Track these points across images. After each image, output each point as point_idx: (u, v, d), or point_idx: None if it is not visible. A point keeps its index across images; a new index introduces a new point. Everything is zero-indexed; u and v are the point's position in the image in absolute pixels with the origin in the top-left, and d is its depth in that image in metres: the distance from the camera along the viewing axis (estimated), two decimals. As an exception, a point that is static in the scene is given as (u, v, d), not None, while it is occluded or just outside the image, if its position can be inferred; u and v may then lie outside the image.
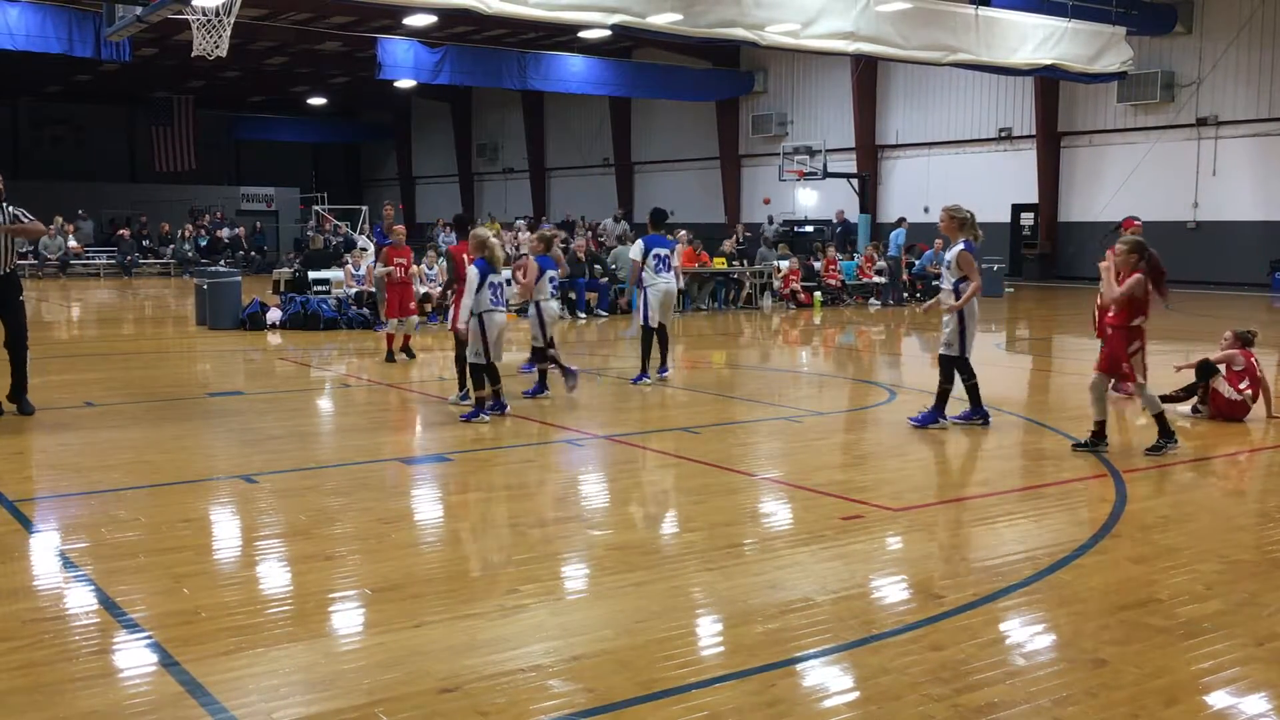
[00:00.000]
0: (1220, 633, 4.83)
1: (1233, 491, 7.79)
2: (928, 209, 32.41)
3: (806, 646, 4.65)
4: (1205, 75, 28.00)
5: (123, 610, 4.99)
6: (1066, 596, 5.30)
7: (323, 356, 15.04)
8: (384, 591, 5.32)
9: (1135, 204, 29.17)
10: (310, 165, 55.52)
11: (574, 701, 4.11)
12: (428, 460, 8.24)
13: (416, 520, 6.91)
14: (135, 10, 18.45)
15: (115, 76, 39.91)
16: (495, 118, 48.89)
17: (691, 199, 40.25)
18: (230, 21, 16.54)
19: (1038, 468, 8.48)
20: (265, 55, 36.87)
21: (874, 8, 21.34)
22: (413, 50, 27.84)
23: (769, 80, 37.38)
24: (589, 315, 20.73)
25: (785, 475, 8.02)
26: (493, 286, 9.76)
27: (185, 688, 4.19)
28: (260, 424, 9.85)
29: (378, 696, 4.12)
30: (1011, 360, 13.66)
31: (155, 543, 6.10)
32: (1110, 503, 7.07)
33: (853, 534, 6.37)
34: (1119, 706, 4.10)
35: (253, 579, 5.65)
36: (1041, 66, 24.15)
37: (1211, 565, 5.79)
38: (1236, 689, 4.30)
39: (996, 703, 4.10)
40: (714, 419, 10.38)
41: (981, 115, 32.64)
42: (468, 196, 51.40)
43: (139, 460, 8.29)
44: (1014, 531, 6.50)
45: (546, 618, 4.99)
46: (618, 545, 6.16)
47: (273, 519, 6.72)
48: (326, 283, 19.78)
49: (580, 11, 18.87)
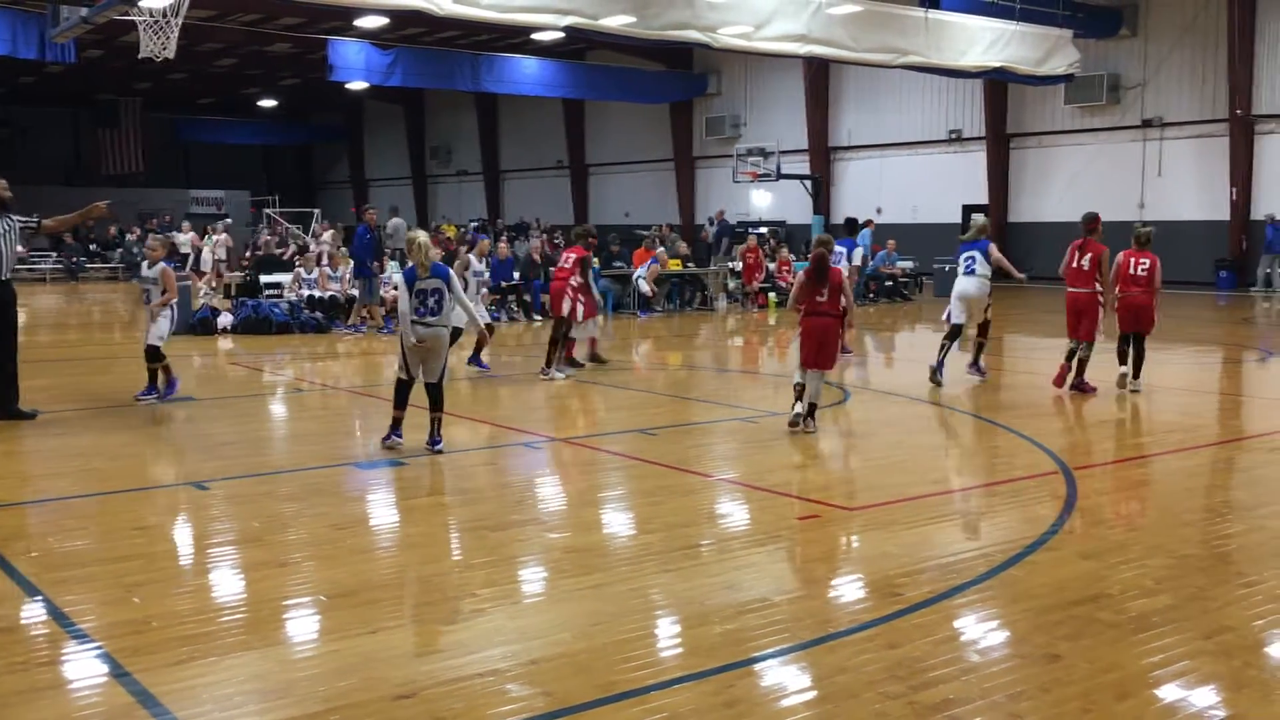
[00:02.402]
0: (1170, 627, 4.91)
1: (1180, 488, 7.91)
2: (880, 210, 32.65)
3: (764, 646, 4.66)
4: (1150, 77, 28.45)
5: (71, 621, 4.91)
6: (1019, 593, 5.36)
7: (275, 361, 14.88)
8: (339, 598, 5.27)
9: (1083, 204, 29.09)
10: (261, 168, 54.93)
11: (532, 705, 4.10)
12: (382, 465, 8.18)
13: (371, 525, 6.86)
14: (81, 11, 18.17)
15: (60, 78, 39.25)
16: (448, 120, 48.65)
17: (646, 201, 40.28)
18: (178, 22, 16.31)
19: (990, 465, 8.57)
20: (214, 57, 36.44)
21: (825, 10, 21.47)
22: (364, 52, 27.62)
23: (722, 82, 37.49)
24: (544, 318, 20.68)
25: (741, 476, 8.05)
26: (420, 294, 8.38)
27: (136, 698, 4.13)
28: (211, 430, 9.73)
29: (333, 704, 4.08)
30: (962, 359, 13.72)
31: (105, 551, 6.01)
32: (1061, 499, 7.16)
33: (809, 534, 6.41)
34: (1072, 701, 4.15)
35: (205, 587, 5.58)
36: (990, 69, 24.42)
37: (1161, 560, 5.88)
38: (1186, 682, 4.36)
39: (952, 699, 4.14)
40: (670, 420, 10.39)
41: (932, 117, 32.95)
42: (421, 199, 51.13)
43: (87, 468, 8.15)
44: (967, 529, 6.58)
45: (504, 621, 4.97)
46: (575, 548, 6.15)
47: (225, 526, 6.65)
48: (278, 286, 19.59)
49: (533, 13, 18.82)
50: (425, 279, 8.38)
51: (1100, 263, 11.29)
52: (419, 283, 8.36)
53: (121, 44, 30.25)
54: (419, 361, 8.50)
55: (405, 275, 8.44)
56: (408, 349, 8.44)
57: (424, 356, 8.49)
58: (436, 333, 8.49)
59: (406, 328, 8.38)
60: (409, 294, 8.35)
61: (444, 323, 8.56)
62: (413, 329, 8.35)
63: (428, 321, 8.40)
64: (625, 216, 40.19)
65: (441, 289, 8.44)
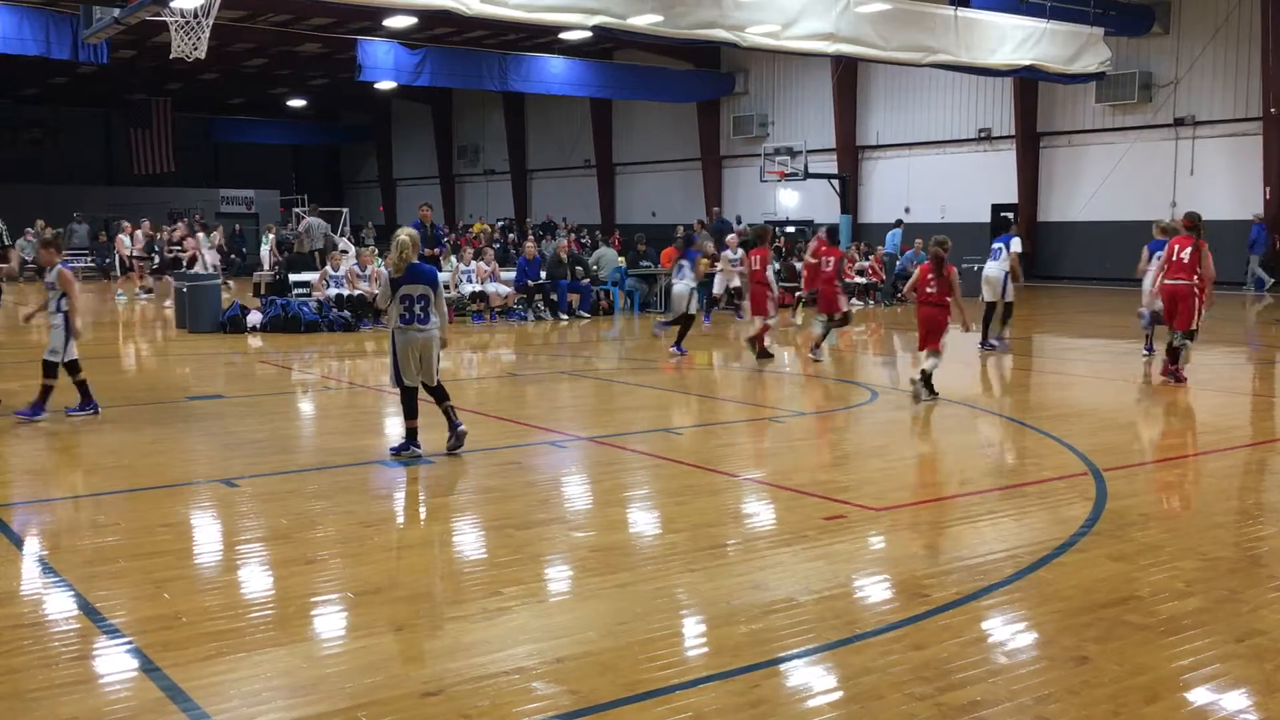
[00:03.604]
0: (1200, 630, 4.86)
1: (1212, 490, 7.83)
2: (909, 209, 32.50)
3: (790, 647, 4.65)
4: (1182, 75, 28.17)
5: (103, 616, 4.96)
6: (1048, 594, 5.32)
7: (303, 359, 14.97)
8: (366, 595, 5.29)
9: (1114, 203, 29.35)
10: (290, 167, 55.27)
11: (558, 704, 4.10)
12: (409, 463, 8.21)
13: (398, 523, 6.89)
14: (113, 12, 18.35)
15: (92, 79, 39.63)
16: (476, 119, 48.78)
17: (673, 200, 40.26)
18: (209, 23, 16.45)
19: (1019, 466, 8.52)
20: (244, 57, 36.69)
21: (854, 9, 21.39)
22: (393, 52, 27.75)
23: (750, 81, 37.42)
24: (571, 317, 20.72)
25: (768, 476, 8.03)
26: (405, 300, 8.13)
27: (166, 693, 4.16)
28: (240, 427, 9.80)
29: (360, 700, 4.10)
30: (991, 359, 13.68)
31: (135, 548, 6.06)
32: (1091, 500, 7.10)
33: (835, 534, 6.39)
34: (1100, 704, 4.12)
35: (233, 583, 5.62)
36: (1020, 67, 24.26)
37: (1191, 562, 5.82)
38: (1217, 685, 4.32)
39: (979, 701, 4.12)
40: (696, 420, 10.38)
41: (961, 116, 32.75)
42: (449, 199, 51.29)
43: (118, 465, 8.23)
44: (995, 530, 6.53)
45: (530, 620, 4.98)
46: (601, 547, 6.15)
47: (253, 523, 6.69)
48: (307, 285, 19.70)
49: (561, 13, 18.85)
50: (411, 284, 8.16)
51: (1200, 257, 11.94)
52: (403, 287, 8.16)
53: (153, 44, 30.54)
54: (413, 366, 8.26)
55: (388, 278, 8.29)
56: (399, 354, 8.23)
57: (417, 361, 8.26)
58: (428, 337, 8.26)
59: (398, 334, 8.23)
60: (393, 298, 8.17)
61: (433, 328, 8.28)
62: (401, 335, 8.19)
63: (416, 328, 8.18)
64: (652, 216, 40.19)
65: (428, 295, 8.22)
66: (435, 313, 8.30)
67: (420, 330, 8.21)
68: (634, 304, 22.40)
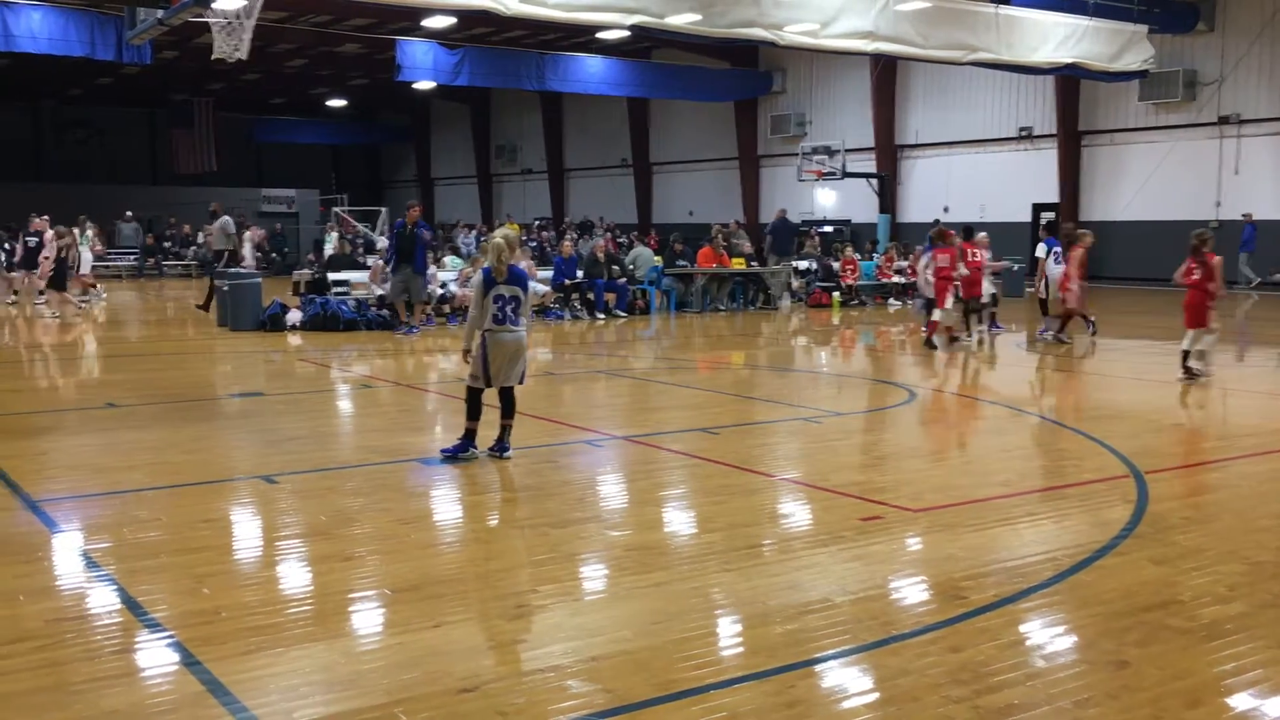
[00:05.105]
0: (1243, 635, 4.80)
1: (1255, 493, 7.72)
2: (947, 209, 32.28)
3: (826, 647, 4.63)
4: (1228, 73, 27.79)
5: (144, 610, 5.02)
6: (1088, 598, 5.27)
7: (342, 358, 15.09)
8: (403, 592, 5.33)
9: (1157, 203, 29.01)
10: (330, 167, 55.71)
11: (593, 702, 4.11)
12: (447, 461, 8.25)
13: (435, 521, 6.93)
14: (156, 13, 18.53)
15: (136, 79, 40.16)
16: (514, 119, 48.95)
17: (710, 200, 40.23)
18: (251, 24, 16.59)
19: (1059, 468, 8.44)
20: (285, 57, 37.03)
21: (893, 7, 21.24)
22: (432, 52, 27.91)
23: (787, 80, 37.31)
24: (608, 316, 20.75)
25: (804, 476, 8.00)
26: (498, 300, 8.06)
27: (206, 687, 4.21)
28: (280, 425, 9.90)
29: (397, 696, 4.13)
30: (1034, 360, 13.56)
31: (176, 543, 6.13)
32: (1132, 503, 7.02)
33: (872, 535, 6.36)
34: (1141, 708, 4.07)
35: (273, 579, 5.68)
36: (1062, 65, 23.99)
37: (1234, 567, 5.75)
38: (1259, 691, 4.26)
39: (1017, 704, 4.08)
40: (732, 420, 10.36)
41: (1002, 114, 32.49)
42: (486, 198, 51.52)
43: (160, 461, 8.34)
44: (1035, 532, 6.47)
45: (565, 618, 4.99)
46: (636, 546, 6.16)
47: (292, 519, 6.75)
48: (346, 284, 19.85)
49: (599, 12, 18.87)
50: (506, 285, 8.08)
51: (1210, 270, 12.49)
52: (497, 288, 8.08)
53: (195, 45, 30.87)
54: (502, 368, 8.14)
55: (484, 278, 8.14)
56: (490, 355, 8.11)
57: (506, 363, 8.15)
58: (518, 339, 8.17)
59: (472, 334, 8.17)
60: (486, 298, 8.06)
61: (522, 330, 8.21)
62: (493, 337, 8.07)
63: (508, 329, 8.09)
64: (689, 215, 40.17)
65: (519, 296, 8.14)
66: (524, 314, 8.25)
67: (511, 332, 8.13)
68: (670, 303, 22.38)
